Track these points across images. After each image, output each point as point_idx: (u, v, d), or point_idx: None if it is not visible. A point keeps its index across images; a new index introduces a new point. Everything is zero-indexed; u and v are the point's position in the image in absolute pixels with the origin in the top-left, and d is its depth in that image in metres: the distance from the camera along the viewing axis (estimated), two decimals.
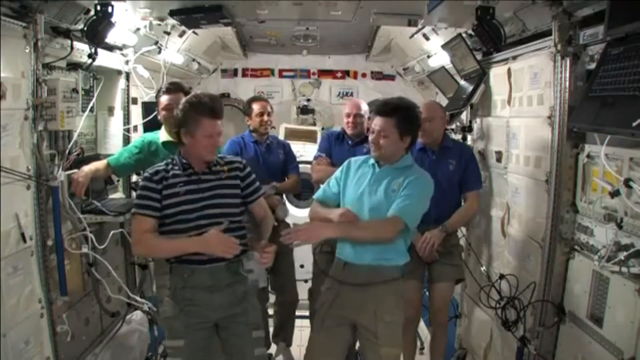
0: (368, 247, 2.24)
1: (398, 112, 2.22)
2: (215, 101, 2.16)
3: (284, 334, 3.63)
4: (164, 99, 2.88)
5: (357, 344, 2.61)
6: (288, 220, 4.16)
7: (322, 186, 2.54)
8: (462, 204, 3.05)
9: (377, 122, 2.27)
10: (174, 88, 2.92)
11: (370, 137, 2.29)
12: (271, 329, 3.68)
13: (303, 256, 4.34)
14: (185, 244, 2.12)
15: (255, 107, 3.39)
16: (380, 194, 2.24)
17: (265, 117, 3.38)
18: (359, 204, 2.28)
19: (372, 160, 2.34)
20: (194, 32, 3.76)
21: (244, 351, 2.25)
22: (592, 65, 2.14)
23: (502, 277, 2.76)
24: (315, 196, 2.50)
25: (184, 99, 2.21)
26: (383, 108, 2.27)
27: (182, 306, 2.17)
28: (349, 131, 3.28)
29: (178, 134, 2.19)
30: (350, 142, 3.29)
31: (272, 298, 3.67)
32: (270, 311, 3.71)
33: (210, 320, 2.22)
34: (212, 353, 2.30)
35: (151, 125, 3.46)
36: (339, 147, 3.30)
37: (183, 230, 2.15)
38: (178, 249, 2.15)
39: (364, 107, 3.29)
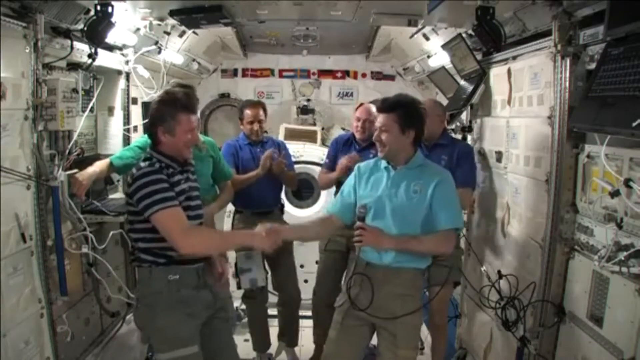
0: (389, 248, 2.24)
1: (398, 107, 2.23)
2: (190, 96, 2.11)
3: (289, 334, 3.63)
4: (168, 100, 2.88)
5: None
6: (289, 221, 4.18)
7: (339, 197, 2.50)
8: None
9: (378, 120, 2.28)
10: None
11: (374, 136, 2.30)
12: (272, 329, 3.68)
13: (303, 256, 4.34)
14: (238, 238, 2.21)
15: (247, 114, 3.39)
16: (402, 197, 2.22)
17: (255, 126, 3.38)
18: (379, 208, 2.25)
19: (383, 163, 2.33)
20: (194, 32, 3.76)
21: (229, 345, 2.27)
22: (592, 65, 2.13)
23: (501, 276, 2.76)
24: (329, 209, 2.50)
25: (156, 97, 2.18)
26: (383, 105, 2.28)
27: (182, 309, 2.08)
28: (357, 135, 3.31)
29: (152, 134, 2.13)
30: (357, 146, 3.31)
31: (274, 298, 3.67)
32: (273, 311, 3.72)
33: (201, 320, 2.17)
34: None
35: None
36: (347, 151, 3.32)
37: None
38: (233, 242, 2.24)
39: (375, 113, 3.31)
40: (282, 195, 4.10)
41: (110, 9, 2.61)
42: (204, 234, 2.11)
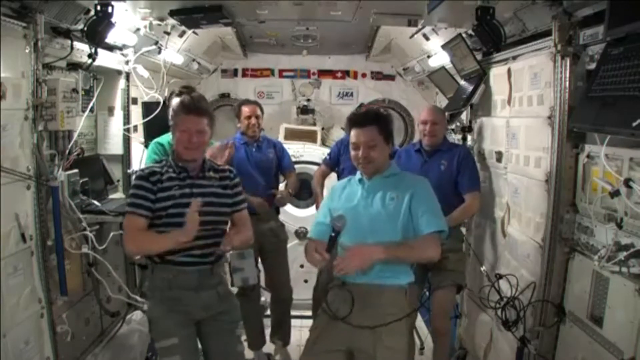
0: None
1: (377, 119, 2.17)
2: (193, 99, 2.18)
3: (281, 332, 3.65)
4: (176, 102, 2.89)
5: None
6: (289, 220, 4.19)
7: (315, 222, 2.32)
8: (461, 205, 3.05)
9: (360, 135, 2.14)
10: (187, 92, 2.94)
11: (358, 154, 2.14)
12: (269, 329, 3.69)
13: (303, 256, 4.34)
14: (174, 238, 2.07)
15: (244, 110, 3.46)
16: (377, 205, 2.13)
17: (253, 120, 3.43)
18: (353, 219, 2.09)
19: (357, 177, 2.25)
20: (194, 32, 3.76)
21: (227, 348, 2.26)
22: (592, 65, 2.13)
23: (501, 277, 2.76)
24: (310, 234, 2.29)
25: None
26: (364, 119, 2.17)
27: (169, 305, 2.16)
28: None
29: None
30: None
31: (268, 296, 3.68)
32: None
33: (195, 318, 2.22)
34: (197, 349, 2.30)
35: (151, 127, 3.47)
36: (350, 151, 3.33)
37: None
38: (169, 244, 2.10)
39: None
40: None
41: (110, 9, 2.61)
42: (142, 239, 2.11)
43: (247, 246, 2.40)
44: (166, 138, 3.01)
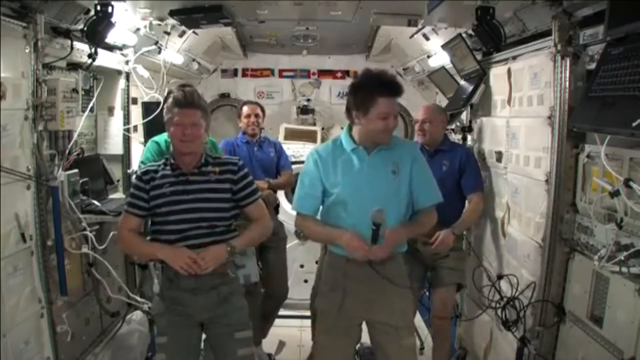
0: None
1: (401, 88, 2.17)
2: (185, 93, 2.16)
3: (265, 329, 3.66)
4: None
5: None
6: (288, 220, 4.18)
7: (297, 196, 2.26)
8: (467, 205, 3.05)
9: (392, 105, 2.10)
10: (182, 89, 2.96)
11: (388, 125, 2.09)
12: (275, 329, 3.70)
13: (303, 256, 4.35)
14: (154, 250, 2.16)
15: (245, 109, 3.58)
16: (382, 180, 2.14)
17: (252, 119, 3.54)
18: (355, 193, 2.12)
19: (350, 146, 2.17)
20: (194, 32, 3.76)
21: (225, 352, 2.25)
22: (592, 65, 2.13)
23: (501, 277, 2.76)
24: (300, 209, 2.25)
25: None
26: (398, 88, 2.13)
27: (168, 304, 2.19)
28: None
29: None
30: None
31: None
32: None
33: (195, 319, 2.21)
34: (196, 350, 2.30)
35: (151, 127, 3.47)
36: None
37: (165, 232, 2.15)
38: (147, 253, 2.26)
39: None
40: (281, 195, 4.12)
41: (110, 9, 2.61)
42: (128, 242, 2.21)
43: (265, 238, 2.37)
44: (163, 137, 3.01)
